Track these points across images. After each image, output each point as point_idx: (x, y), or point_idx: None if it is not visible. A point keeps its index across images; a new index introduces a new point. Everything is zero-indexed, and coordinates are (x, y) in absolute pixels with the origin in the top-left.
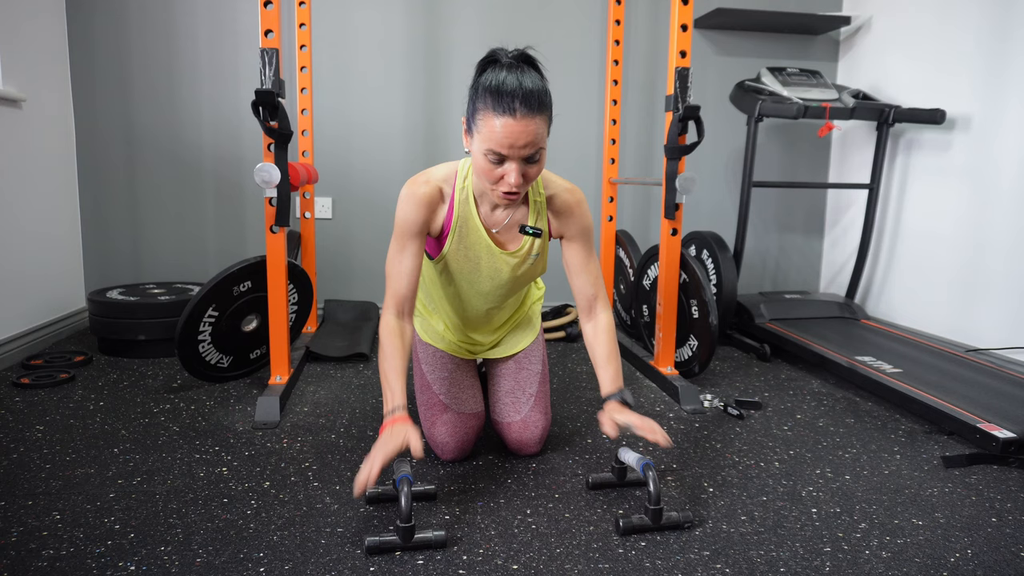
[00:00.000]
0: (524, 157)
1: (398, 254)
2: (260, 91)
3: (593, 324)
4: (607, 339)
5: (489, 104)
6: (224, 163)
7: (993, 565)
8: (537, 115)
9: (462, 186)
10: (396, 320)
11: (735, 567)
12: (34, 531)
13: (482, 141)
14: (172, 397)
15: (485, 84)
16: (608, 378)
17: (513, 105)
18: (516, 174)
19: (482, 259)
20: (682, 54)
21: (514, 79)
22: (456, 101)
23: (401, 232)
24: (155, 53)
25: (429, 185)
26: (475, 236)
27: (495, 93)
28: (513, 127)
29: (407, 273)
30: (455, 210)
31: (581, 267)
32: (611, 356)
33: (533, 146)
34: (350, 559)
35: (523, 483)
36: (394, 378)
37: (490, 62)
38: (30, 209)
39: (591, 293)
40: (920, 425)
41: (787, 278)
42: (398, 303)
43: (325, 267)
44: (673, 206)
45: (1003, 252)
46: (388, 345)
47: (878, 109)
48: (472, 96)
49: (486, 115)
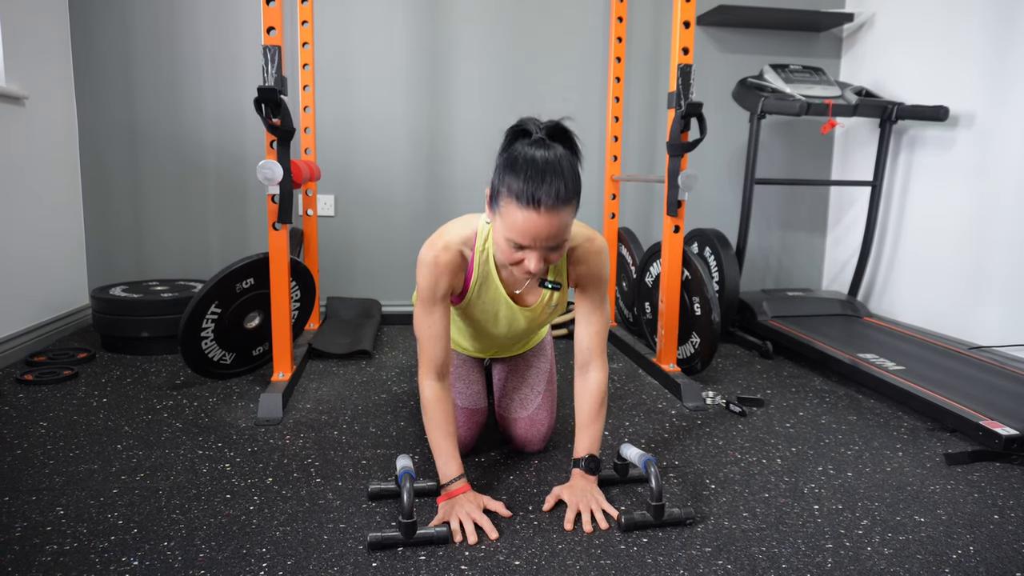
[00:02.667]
0: (546, 247)
1: (427, 317)
2: (263, 88)
3: (584, 381)
4: (594, 401)
5: (513, 191)
6: (227, 160)
7: (995, 562)
8: (563, 208)
9: (482, 248)
10: (438, 384)
11: (737, 563)
12: (38, 526)
13: (504, 227)
14: (175, 394)
15: (510, 164)
16: (584, 444)
17: (538, 197)
18: (536, 261)
19: (500, 312)
20: (684, 51)
21: (540, 165)
22: (459, 96)
23: (426, 298)
24: (158, 50)
25: (449, 251)
26: (494, 294)
27: (519, 180)
28: (536, 221)
29: (439, 337)
30: (475, 271)
31: (586, 317)
32: (593, 420)
33: (556, 239)
34: (352, 555)
35: (525, 479)
36: (448, 446)
37: (519, 133)
38: (33, 207)
39: (589, 347)
40: (922, 422)
41: (789, 275)
42: (437, 368)
43: (327, 264)
44: (675, 203)
45: (1006, 249)
46: (436, 411)
47: (881, 106)
48: (498, 171)
49: (509, 203)
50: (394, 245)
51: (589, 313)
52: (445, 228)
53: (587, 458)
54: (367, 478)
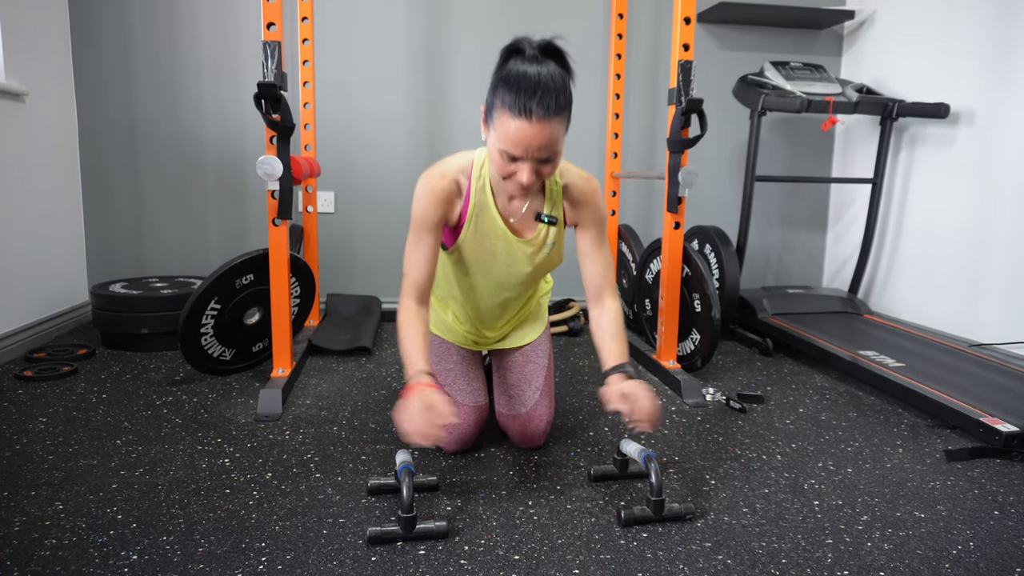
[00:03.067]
0: (538, 158)
1: (415, 246)
2: (262, 84)
3: (602, 309)
4: (614, 319)
5: (506, 103)
6: (227, 157)
7: (995, 557)
8: (554, 118)
9: (478, 175)
10: (416, 305)
11: (737, 558)
12: (37, 520)
13: (497, 139)
14: (174, 390)
15: (504, 79)
16: (614, 353)
17: (529, 107)
18: (528, 173)
19: (498, 248)
20: (685, 47)
21: (533, 79)
22: (459, 94)
23: (418, 226)
24: (158, 46)
25: (446, 179)
26: (491, 225)
27: (512, 92)
28: (528, 130)
29: (425, 261)
30: (471, 199)
31: (592, 255)
32: (618, 334)
33: (548, 149)
34: (352, 549)
35: (525, 475)
36: (415, 349)
37: (513, 52)
38: (33, 203)
39: (599, 282)
40: (923, 419)
41: (790, 273)
42: (416, 290)
43: (327, 261)
44: (676, 200)
45: (1007, 247)
46: (408, 324)
47: (882, 103)
48: (492, 87)
49: (502, 114)
50: (394, 242)
51: (594, 250)
52: (443, 160)
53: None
54: (366, 473)
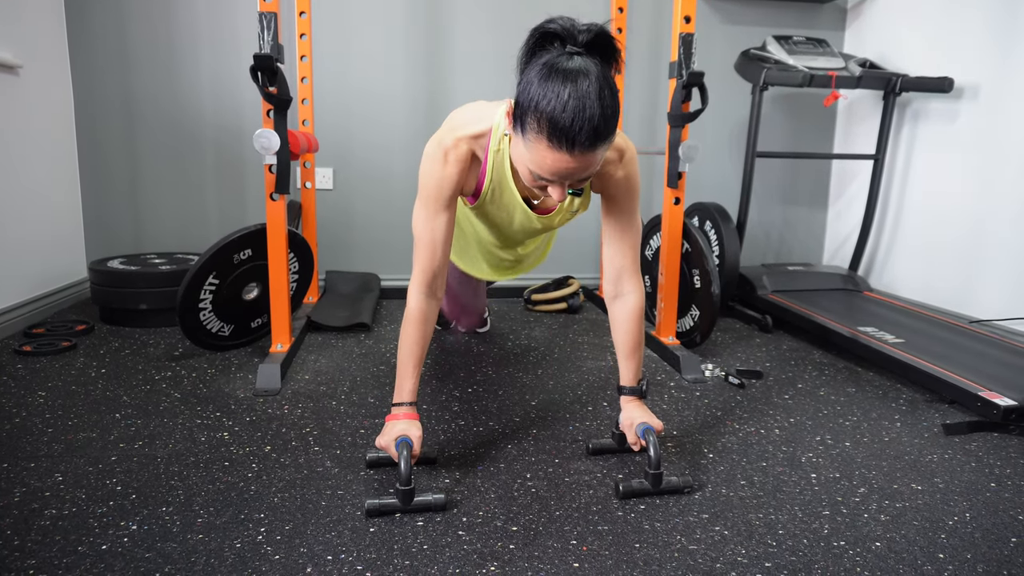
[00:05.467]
0: (575, 180)
1: (428, 221)
2: (259, 55)
3: (622, 305)
4: (634, 328)
5: (543, 129)
6: (224, 132)
7: (991, 528)
8: (600, 147)
9: (497, 148)
10: (426, 301)
11: (734, 529)
12: (37, 491)
13: (528, 158)
14: (173, 365)
15: (542, 93)
16: (631, 372)
17: (572, 139)
18: (561, 193)
19: (516, 217)
20: (686, 19)
21: (577, 102)
22: (460, 68)
23: (429, 197)
24: (153, 19)
25: (459, 149)
26: (510, 199)
27: (550, 119)
28: (568, 164)
29: (440, 242)
30: (488, 174)
31: (618, 233)
32: (636, 349)
33: (587, 173)
34: (350, 520)
35: (523, 448)
36: (409, 370)
37: (549, 38)
38: (29, 178)
39: (620, 263)
40: (921, 394)
41: (790, 250)
42: (429, 279)
43: (326, 238)
44: (676, 175)
45: (1008, 223)
46: (412, 331)
47: (885, 78)
48: (525, 90)
49: (538, 140)
50: (393, 219)
51: (622, 229)
52: (455, 121)
53: (636, 387)
54: (365, 447)
